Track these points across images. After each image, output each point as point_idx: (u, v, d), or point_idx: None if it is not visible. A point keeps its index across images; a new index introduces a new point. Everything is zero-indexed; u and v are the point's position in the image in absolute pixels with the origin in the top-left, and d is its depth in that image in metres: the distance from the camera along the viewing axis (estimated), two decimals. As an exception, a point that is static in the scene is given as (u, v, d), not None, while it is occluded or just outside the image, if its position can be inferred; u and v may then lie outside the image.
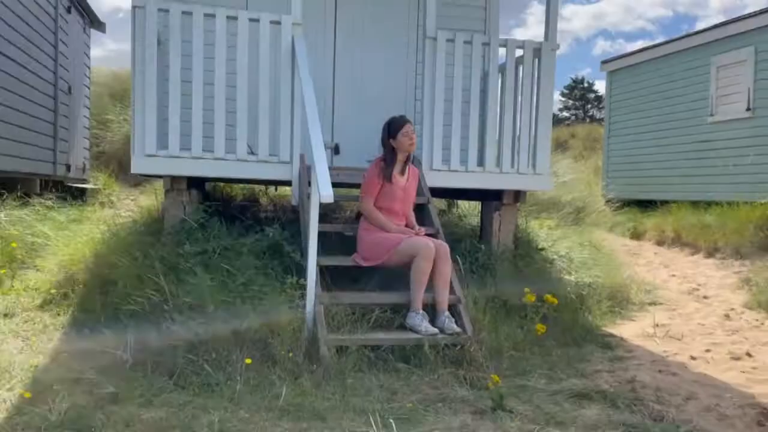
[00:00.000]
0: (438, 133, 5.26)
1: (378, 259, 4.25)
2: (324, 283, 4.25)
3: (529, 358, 4.03)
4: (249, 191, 7.18)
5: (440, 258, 4.14)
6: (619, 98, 12.09)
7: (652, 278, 6.83)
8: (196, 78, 4.69)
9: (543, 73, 5.45)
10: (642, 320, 5.29)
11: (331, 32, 6.14)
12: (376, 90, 6.24)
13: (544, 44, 5.44)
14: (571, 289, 5.28)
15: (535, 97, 5.50)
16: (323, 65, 6.12)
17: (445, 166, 5.30)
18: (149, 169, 4.78)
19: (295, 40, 4.78)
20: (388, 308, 4.20)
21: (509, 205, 5.62)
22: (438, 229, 4.73)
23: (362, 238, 4.39)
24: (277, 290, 3.97)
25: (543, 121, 5.50)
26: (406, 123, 4.40)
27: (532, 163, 5.53)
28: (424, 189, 5.05)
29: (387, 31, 6.25)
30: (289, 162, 4.87)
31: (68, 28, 9.08)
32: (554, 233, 6.82)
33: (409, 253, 4.12)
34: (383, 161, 4.40)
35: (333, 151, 6.19)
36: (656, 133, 11.09)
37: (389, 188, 4.36)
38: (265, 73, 4.82)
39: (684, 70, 10.53)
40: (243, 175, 4.89)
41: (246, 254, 4.35)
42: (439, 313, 4.12)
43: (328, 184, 3.83)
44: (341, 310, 4.05)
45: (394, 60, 6.26)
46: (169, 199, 4.95)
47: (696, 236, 8.53)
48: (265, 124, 4.84)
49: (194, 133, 4.74)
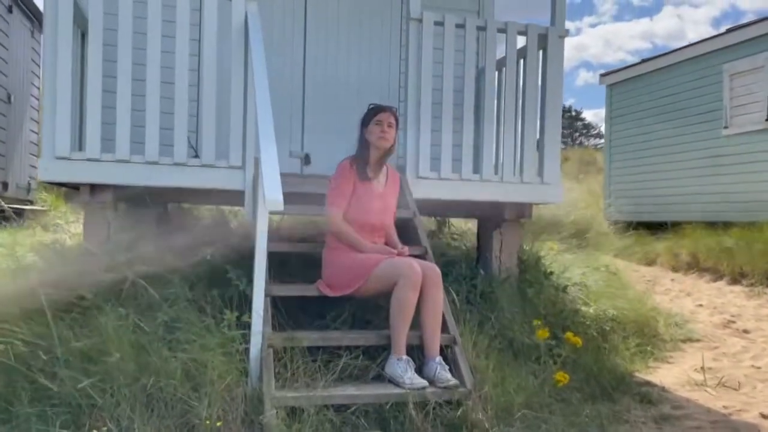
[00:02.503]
0: (425, 133, 4.32)
1: (349, 288, 3.26)
2: (276, 320, 3.25)
3: (549, 419, 3.03)
4: (218, 213, 6.19)
5: (429, 285, 3.16)
6: (621, 112, 11.26)
7: (677, 308, 5.86)
8: (123, 58, 3.74)
9: (550, 62, 4.55)
10: (681, 362, 4.30)
11: (301, 27, 5.23)
12: (353, 91, 5.32)
13: (550, 29, 4.54)
14: (591, 322, 4.31)
15: (541, 91, 4.59)
16: (291, 65, 5.21)
17: (434, 174, 4.34)
18: (61, 175, 3.79)
19: (249, 17, 3.86)
20: (361, 352, 3.19)
21: (512, 222, 4.66)
22: (426, 248, 3.75)
23: (329, 260, 3.40)
24: (212, 330, 2.96)
25: (551, 121, 4.58)
26: (384, 110, 3.47)
27: (539, 170, 4.59)
28: (408, 200, 4.08)
29: (365, 23, 5.35)
30: (241, 167, 3.90)
31: (9, 29, 8.12)
32: (561, 257, 5.86)
33: (390, 279, 3.14)
34: (353, 160, 3.44)
35: (303, 162, 5.24)
36: (663, 148, 10.23)
37: (363, 195, 3.39)
38: (211, 58, 3.88)
39: (693, 80, 9.71)
40: (182, 183, 3.89)
41: (177, 283, 3.34)
42: (429, 358, 3.13)
43: (276, 186, 2.87)
44: (298, 355, 3.04)
45: (374, 56, 5.35)
46: (88, 214, 3.95)
47: (716, 260, 7.60)
48: (211, 119, 3.88)
49: (119, 131, 3.78)
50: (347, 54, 5.31)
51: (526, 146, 4.55)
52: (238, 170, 3.90)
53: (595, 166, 19.50)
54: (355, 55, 5.32)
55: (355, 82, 5.31)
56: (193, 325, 2.93)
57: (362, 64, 5.34)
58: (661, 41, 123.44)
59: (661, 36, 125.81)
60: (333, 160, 4.75)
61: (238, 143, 3.89)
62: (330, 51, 5.29)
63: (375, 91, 5.19)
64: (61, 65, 3.68)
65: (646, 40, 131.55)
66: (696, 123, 9.62)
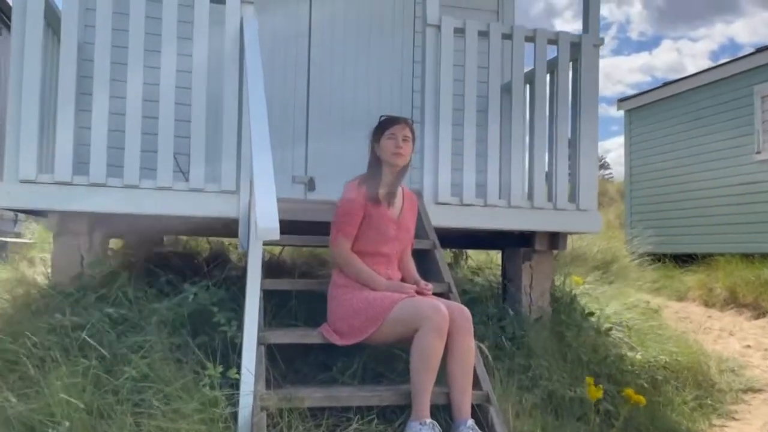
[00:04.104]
0: (445, 154, 3.80)
1: (360, 334, 2.69)
2: (272, 374, 2.67)
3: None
4: (218, 245, 5.65)
5: (458, 330, 2.59)
6: (641, 138, 10.73)
7: (725, 351, 5.24)
8: (100, 65, 3.26)
9: (584, 74, 4.05)
10: (749, 418, 3.68)
11: (305, 39, 4.77)
12: (362, 108, 4.83)
13: (584, 37, 4.06)
14: (639, 371, 3.71)
15: (573, 107, 4.08)
16: (294, 81, 4.73)
17: (455, 199, 3.81)
18: (24, 201, 3.27)
19: (245, 23, 3.38)
20: (376, 413, 2.61)
21: (544, 253, 4.10)
22: (450, 284, 3.19)
23: (335, 300, 2.84)
24: (190, 389, 2.39)
25: (586, 140, 4.05)
26: (398, 122, 2.94)
27: (572, 196, 4.05)
28: (426, 229, 3.54)
29: (375, 34, 4.89)
30: (235, 192, 3.37)
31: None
32: (593, 292, 5.27)
33: (410, 323, 2.57)
34: (364, 180, 2.91)
35: (307, 187, 4.73)
36: (688, 175, 9.66)
37: (376, 221, 2.84)
38: (201, 69, 3.40)
39: (720, 102, 9.19)
40: (166, 210, 3.35)
41: (155, 327, 2.79)
42: (459, 421, 2.54)
43: (271, 211, 2.33)
44: (298, 419, 2.46)
45: (384, 70, 4.87)
46: (58, 246, 3.42)
47: (756, 295, 6.99)
48: (200, 138, 3.38)
49: (93, 148, 3.27)
50: (355, 68, 4.83)
51: (559, 169, 4.02)
52: (231, 195, 3.38)
53: (607, 196, 18.92)
54: (363, 70, 4.84)
55: (364, 100, 4.82)
56: (167, 384, 2.37)
57: (371, 80, 4.86)
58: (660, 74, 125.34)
59: (660, 69, 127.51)
60: (340, 184, 4.24)
61: (232, 164, 3.38)
62: (336, 65, 4.82)
63: (386, 110, 4.69)
64: (28, 72, 3.20)
65: (645, 73, 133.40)
66: (725, 148, 9.07)
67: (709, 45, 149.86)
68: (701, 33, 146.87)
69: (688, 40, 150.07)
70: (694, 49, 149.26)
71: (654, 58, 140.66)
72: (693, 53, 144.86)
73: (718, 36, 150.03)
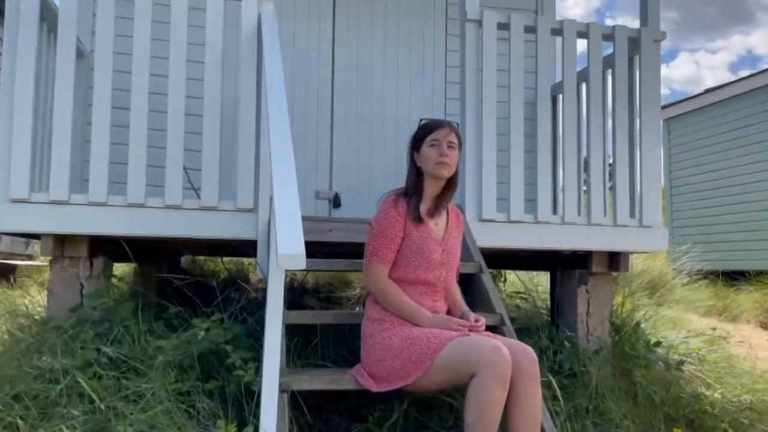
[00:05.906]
0: (489, 165, 3.36)
1: (401, 380, 2.23)
2: (296, 424, 2.23)
3: None
4: (236, 265, 5.23)
5: (523, 376, 2.13)
6: (682, 149, 10.17)
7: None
8: (101, 70, 2.89)
9: (644, 73, 3.59)
10: None
11: (328, 44, 4.39)
12: (391, 117, 4.43)
13: (643, 31, 3.60)
14: (720, 412, 3.20)
15: (629, 109, 3.62)
16: (317, 86, 4.35)
17: (501, 215, 3.35)
18: (16, 223, 2.87)
19: (263, 21, 2.99)
20: (422, 478, 2.15)
21: (602, 275, 3.61)
22: (503, 316, 2.73)
23: (372, 338, 2.38)
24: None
25: (649, 146, 3.58)
26: (441, 126, 2.49)
27: (634, 210, 3.58)
28: (471, 250, 3.09)
29: (404, 36, 4.50)
30: (253, 210, 2.96)
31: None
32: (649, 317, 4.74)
33: (464, 369, 2.11)
34: (402, 195, 2.46)
35: (331, 204, 4.33)
36: (734, 188, 9.09)
37: (417, 242, 2.39)
38: (215, 70, 3.01)
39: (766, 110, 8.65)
40: (175, 232, 2.94)
41: (159, 370, 2.37)
42: (525, 489, 2.07)
43: (295, 237, 1.90)
44: (329, 487, 2.01)
45: (415, 75, 4.47)
46: (55, 273, 3.02)
47: (823, 316, 6.41)
48: (213, 150, 2.98)
49: (93, 162, 2.88)
50: (383, 74, 4.44)
51: (618, 180, 3.55)
52: (249, 214, 2.97)
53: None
54: (392, 75, 4.45)
55: (394, 107, 4.42)
56: (170, 444, 1.94)
57: (401, 85, 4.45)
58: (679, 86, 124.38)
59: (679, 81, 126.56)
60: (369, 200, 3.83)
61: (249, 178, 2.98)
62: (362, 70, 4.43)
63: (416, 118, 4.30)
64: (20, 78, 2.83)
65: (663, 86, 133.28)
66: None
67: (728, 57, 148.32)
68: (719, 45, 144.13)
69: (706, 51, 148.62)
70: (712, 61, 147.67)
71: (671, 70, 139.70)
72: (711, 65, 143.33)
73: (736, 47, 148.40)
